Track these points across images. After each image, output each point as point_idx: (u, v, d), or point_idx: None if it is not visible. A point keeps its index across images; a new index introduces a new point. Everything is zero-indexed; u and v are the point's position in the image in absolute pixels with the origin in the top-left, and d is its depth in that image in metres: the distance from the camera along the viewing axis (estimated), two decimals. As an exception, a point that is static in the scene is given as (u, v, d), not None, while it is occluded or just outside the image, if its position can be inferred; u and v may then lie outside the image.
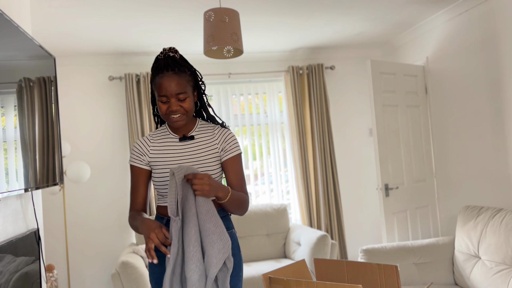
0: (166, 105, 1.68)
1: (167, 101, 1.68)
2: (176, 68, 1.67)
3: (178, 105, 1.67)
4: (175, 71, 1.67)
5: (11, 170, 1.96)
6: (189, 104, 1.70)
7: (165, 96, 1.67)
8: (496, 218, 2.90)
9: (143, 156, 1.76)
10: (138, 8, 3.26)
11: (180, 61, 1.70)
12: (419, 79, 4.14)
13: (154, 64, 1.71)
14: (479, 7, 3.44)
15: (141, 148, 1.76)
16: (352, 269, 1.60)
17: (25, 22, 2.60)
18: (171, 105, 1.67)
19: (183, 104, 1.68)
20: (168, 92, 1.66)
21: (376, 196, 4.89)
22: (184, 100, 1.68)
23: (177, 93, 1.66)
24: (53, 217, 4.26)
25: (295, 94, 4.62)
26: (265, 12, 3.55)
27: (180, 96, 1.67)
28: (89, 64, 4.43)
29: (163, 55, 1.70)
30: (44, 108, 2.42)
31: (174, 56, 1.70)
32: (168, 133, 1.79)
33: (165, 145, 1.76)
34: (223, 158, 1.76)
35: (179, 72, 1.68)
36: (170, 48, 1.72)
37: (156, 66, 1.69)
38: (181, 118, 1.70)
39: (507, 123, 3.25)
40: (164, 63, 1.68)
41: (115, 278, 3.30)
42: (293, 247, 4.11)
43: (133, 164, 1.77)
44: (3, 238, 2.07)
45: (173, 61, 1.68)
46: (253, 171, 4.72)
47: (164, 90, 1.66)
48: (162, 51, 1.71)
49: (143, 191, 1.77)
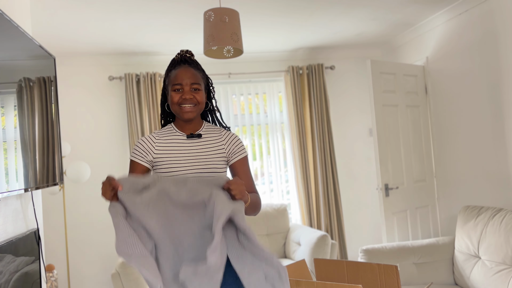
0: (179, 93, 1.71)
1: (181, 90, 1.71)
2: (193, 64, 1.76)
3: (191, 95, 1.71)
4: (192, 66, 1.75)
5: (11, 170, 1.96)
6: (201, 97, 1.74)
7: (180, 84, 1.71)
8: (496, 218, 2.90)
9: (146, 154, 1.73)
10: (138, 8, 3.26)
11: (196, 61, 1.80)
12: (419, 79, 4.14)
13: (170, 64, 1.79)
14: (479, 7, 3.44)
15: (146, 145, 1.74)
16: (352, 269, 1.60)
17: (25, 22, 2.60)
18: (185, 93, 1.70)
19: (196, 95, 1.72)
20: (183, 80, 1.71)
21: (376, 196, 4.89)
22: (198, 91, 1.73)
23: (192, 83, 1.71)
24: (53, 217, 4.26)
25: (295, 94, 4.62)
26: (265, 12, 3.55)
27: (194, 86, 1.72)
28: (89, 64, 4.43)
29: (179, 56, 1.78)
30: (44, 108, 2.42)
31: (191, 57, 1.80)
32: (175, 131, 1.78)
33: (171, 142, 1.74)
34: (231, 161, 1.77)
35: (195, 68, 1.76)
36: (187, 50, 1.80)
37: (173, 62, 1.77)
38: (192, 109, 1.72)
39: (507, 123, 3.25)
40: (181, 59, 1.76)
41: (115, 278, 3.30)
42: (293, 247, 4.11)
43: (134, 160, 1.73)
44: (3, 238, 2.07)
45: (190, 59, 1.77)
46: (253, 171, 4.72)
47: (180, 79, 1.71)
48: (179, 52, 1.79)
49: None
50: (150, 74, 4.37)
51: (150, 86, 4.36)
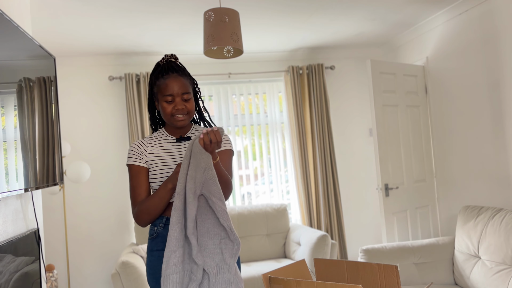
0: (171, 105, 1.74)
1: (172, 101, 1.73)
2: (180, 71, 1.77)
3: (183, 105, 1.74)
4: (179, 73, 1.76)
5: (11, 170, 1.96)
6: (192, 105, 1.77)
7: (171, 95, 1.72)
8: (496, 218, 2.90)
9: (141, 155, 1.77)
10: (138, 8, 3.26)
11: (182, 66, 1.80)
12: (419, 79, 4.14)
13: (156, 69, 1.79)
14: (479, 7, 3.44)
15: (139, 148, 1.78)
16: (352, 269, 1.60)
17: (25, 22, 2.60)
18: (177, 104, 1.73)
19: (187, 104, 1.75)
20: (174, 91, 1.72)
21: (376, 196, 4.89)
22: (188, 100, 1.76)
23: (182, 93, 1.73)
24: (53, 217, 4.26)
25: (295, 94, 4.62)
26: (265, 12, 3.55)
27: (185, 96, 1.74)
28: (89, 64, 4.43)
29: (165, 61, 1.79)
30: (44, 108, 2.42)
31: (176, 61, 1.80)
32: (165, 135, 1.83)
33: (162, 146, 1.79)
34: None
35: (183, 75, 1.77)
36: (172, 55, 1.81)
37: (160, 69, 1.77)
38: (185, 117, 1.75)
39: (507, 123, 3.25)
40: (168, 66, 1.76)
41: (115, 278, 3.30)
42: (293, 247, 4.11)
43: (133, 164, 1.76)
44: (3, 238, 2.07)
45: (176, 65, 1.78)
46: (253, 171, 4.72)
47: (171, 90, 1.72)
48: (163, 57, 1.80)
49: (146, 187, 1.76)
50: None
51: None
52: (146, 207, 1.68)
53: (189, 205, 1.52)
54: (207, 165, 1.55)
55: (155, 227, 1.75)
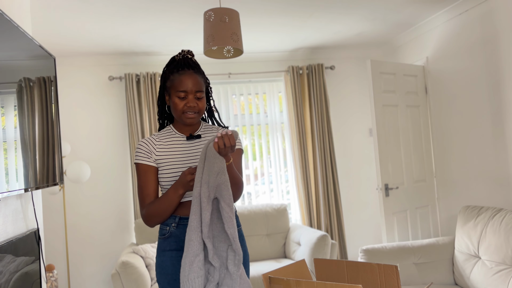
0: (184, 101, 1.71)
1: (185, 98, 1.71)
2: (196, 68, 1.75)
3: (195, 102, 1.72)
4: (195, 71, 1.74)
5: (11, 170, 1.96)
6: (203, 103, 1.75)
7: (185, 91, 1.70)
8: (496, 218, 2.90)
9: (150, 154, 1.73)
10: (138, 8, 3.26)
11: (197, 64, 1.78)
12: (419, 79, 4.14)
13: (171, 63, 1.76)
14: (479, 7, 3.44)
15: (148, 146, 1.74)
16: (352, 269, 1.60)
17: (25, 22, 2.60)
18: (189, 101, 1.71)
19: (199, 102, 1.73)
20: (188, 88, 1.70)
21: (376, 196, 4.89)
22: (201, 99, 1.74)
23: (196, 91, 1.72)
24: (53, 217, 4.26)
25: (295, 94, 4.62)
26: (265, 12, 3.55)
27: (198, 94, 1.72)
28: (89, 64, 4.43)
29: (181, 56, 1.77)
30: (44, 108, 2.42)
31: (192, 58, 1.78)
32: (174, 133, 1.79)
33: (172, 144, 1.75)
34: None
35: (198, 73, 1.75)
36: (188, 51, 1.79)
37: (176, 64, 1.75)
38: (195, 115, 1.73)
39: (507, 123, 3.25)
40: (184, 62, 1.74)
41: (115, 278, 3.30)
42: (293, 247, 4.11)
43: (141, 163, 1.72)
44: (3, 238, 2.07)
45: (192, 62, 1.76)
46: (253, 171, 4.72)
47: (185, 86, 1.70)
48: (180, 52, 1.78)
49: (155, 186, 1.73)
50: (150, 74, 4.37)
51: (150, 86, 4.36)
52: (155, 210, 1.66)
53: (203, 210, 1.52)
54: (220, 170, 1.54)
55: (167, 227, 1.72)
